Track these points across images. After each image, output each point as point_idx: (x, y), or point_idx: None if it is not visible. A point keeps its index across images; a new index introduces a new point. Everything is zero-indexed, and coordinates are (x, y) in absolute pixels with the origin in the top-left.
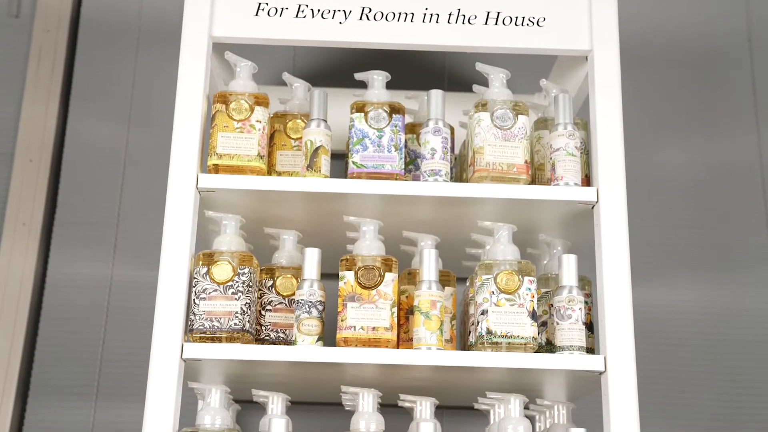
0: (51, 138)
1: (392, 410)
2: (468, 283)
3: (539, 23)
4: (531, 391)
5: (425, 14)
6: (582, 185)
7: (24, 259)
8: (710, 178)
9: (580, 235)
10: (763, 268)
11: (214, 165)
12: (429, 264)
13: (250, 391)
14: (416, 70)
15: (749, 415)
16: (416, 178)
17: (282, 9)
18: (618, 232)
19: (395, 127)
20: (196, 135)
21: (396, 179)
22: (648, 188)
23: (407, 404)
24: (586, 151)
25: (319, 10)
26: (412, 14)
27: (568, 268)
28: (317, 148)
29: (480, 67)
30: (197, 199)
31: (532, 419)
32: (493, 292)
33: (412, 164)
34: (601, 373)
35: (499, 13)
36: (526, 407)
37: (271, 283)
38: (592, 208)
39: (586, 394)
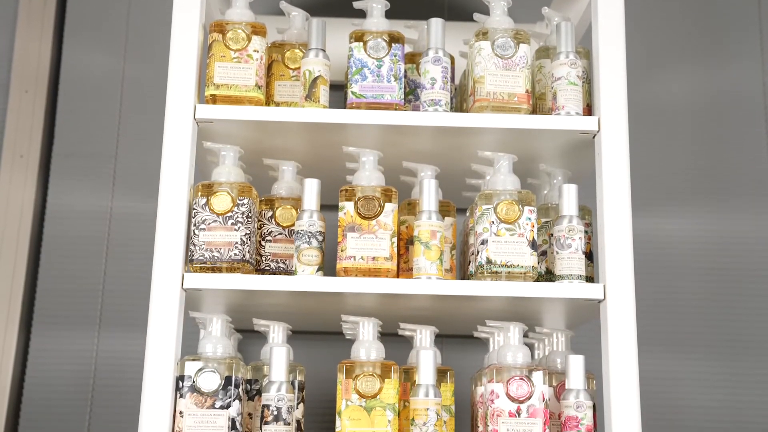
0: (46, 68)
1: (392, 339)
2: (468, 214)
3: None
4: (530, 319)
5: None
6: (583, 115)
7: (23, 191)
8: (713, 106)
9: (581, 164)
10: (764, 196)
11: (211, 95)
12: (429, 194)
13: (251, 321)
14: None
15: (748, 342)
16: (416, 108)
17: None
18: (619, 161)
19: (394, 56)
20: (193, 65)
21: (395, 109)
22: (649, 117)
23: (407, 333)
24: (588, 80)
25: None
26: None
27: (569, 198)
28: (316, 78)
29: None
30: (195, 130)
31: (531, 347)
32: (493, 222)
33: (411, 94)
34: (600, 301)
35: None
36: (525, 335)
37: (270, 213)
38: (594, 137)
39: (584, 322)
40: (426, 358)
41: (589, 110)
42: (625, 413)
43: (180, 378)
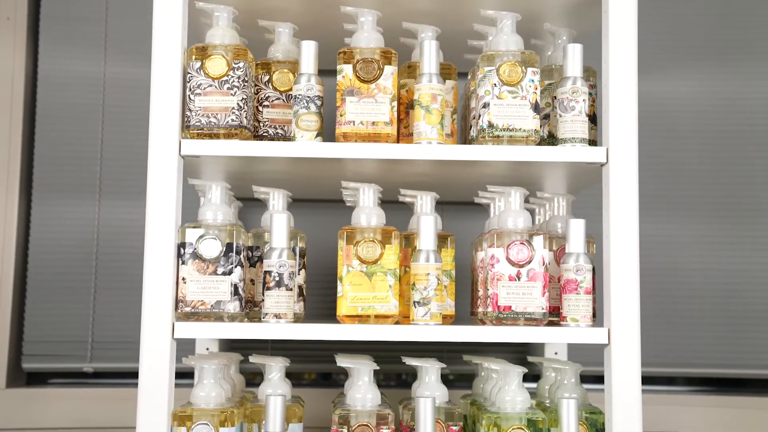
0: None
1: (393, 206)
2: (469, 77)
3: None
4: (531, 184)
5: None
6: None
7: (13, 56)
8: None
9: (587, 23)
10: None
11: None
12: (429, 56)
13: (250, 189)
14: None
15: (748, 204)
16: None
17: None
18: (626, 19)
19: None
20: None
21: None
22: None
23: (408, 199)
24: None
25: None
26: None
27: (573, 58)
28: None
29: None
30: None
31: (531, 212)
32: (495, 85)
33: None
34: (602, 165)
35: None
36: (525, 200)
37: (267, 78)
38: None
39: (586, 186)
40: (426, 223)
41: None
42: (624, 276)
43: (181, 245)
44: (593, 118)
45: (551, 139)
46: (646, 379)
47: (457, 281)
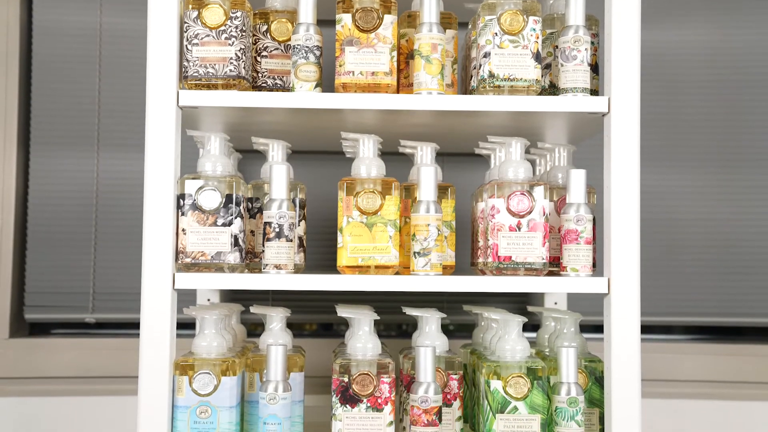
0: None
1: (393, 157)
2: (470, 26)
3: None
4: (532, 135)
5: None
6: None
7: (7, 7)
8: None
9: None
10: None
11: None
12: (430, 5)
13: (250, 141)
14: None
15: (748, 154)
16: None
17: None
18: None
19: None
20: None
21: None
22: None
23: (408, 150)
24: None
25: None
26: None
27: (575, 7)
28: None
29: None
30: None
31: (532, 162)
32: (496, 34)
33: None
34: (604, 115)
35: None
36: (526, 151)
37: (265, 27)
38: None
39: (587, 137)
40: (427, 174)
41: None
42: (624, 226)
43: (181, 196)
44: (595, 68)
45: (553, 89)
46: (645, 328)
47: (457, 232)
